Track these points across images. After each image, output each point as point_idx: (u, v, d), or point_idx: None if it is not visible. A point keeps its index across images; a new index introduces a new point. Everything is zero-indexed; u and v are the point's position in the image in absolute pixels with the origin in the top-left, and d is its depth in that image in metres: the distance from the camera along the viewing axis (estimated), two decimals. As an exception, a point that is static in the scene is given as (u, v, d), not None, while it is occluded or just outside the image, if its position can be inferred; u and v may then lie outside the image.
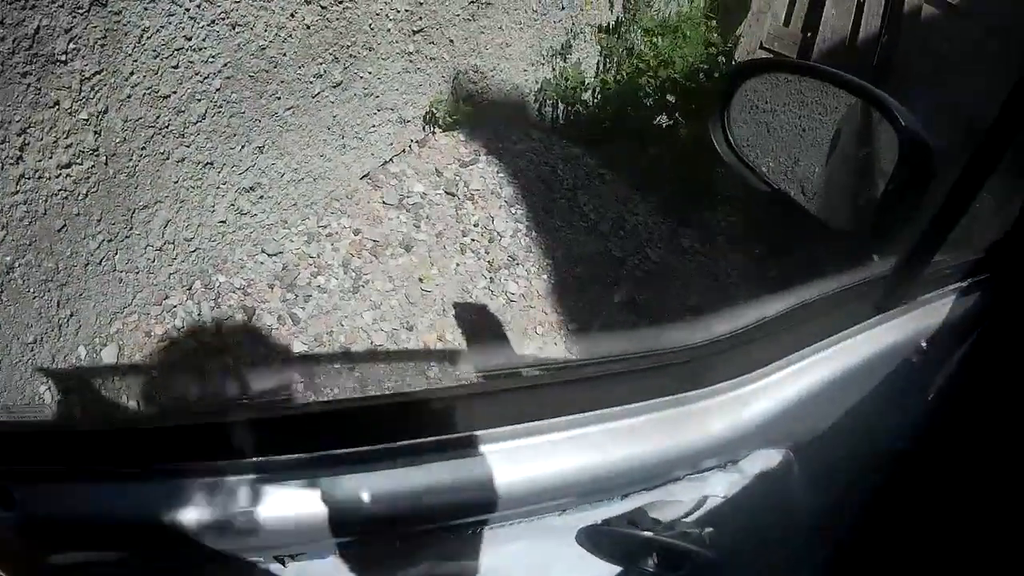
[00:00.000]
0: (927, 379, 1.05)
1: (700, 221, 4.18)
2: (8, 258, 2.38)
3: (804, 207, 1.18)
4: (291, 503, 0.84)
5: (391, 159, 3.60)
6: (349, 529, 0.87)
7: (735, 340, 0.98)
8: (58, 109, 2.38)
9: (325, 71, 3.16)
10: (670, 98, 4.59)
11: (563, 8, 4.33)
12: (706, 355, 0.98)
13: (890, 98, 1.02)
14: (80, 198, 2.53)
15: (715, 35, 5.04)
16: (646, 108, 4.49)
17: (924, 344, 1.01)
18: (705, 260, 3.92)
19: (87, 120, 2.47)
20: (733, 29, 5.15)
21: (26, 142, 2.33)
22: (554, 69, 4.38)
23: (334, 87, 3.23)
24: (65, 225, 2.51)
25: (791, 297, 1.02)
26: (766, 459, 1.02)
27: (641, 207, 3.94)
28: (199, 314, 2.89)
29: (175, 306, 2.89)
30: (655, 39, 4.84)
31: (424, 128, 3.74)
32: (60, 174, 2.45)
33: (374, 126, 3.48)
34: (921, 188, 0.96)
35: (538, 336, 3.29)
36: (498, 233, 3.42)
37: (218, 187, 2.97)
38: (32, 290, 2.49)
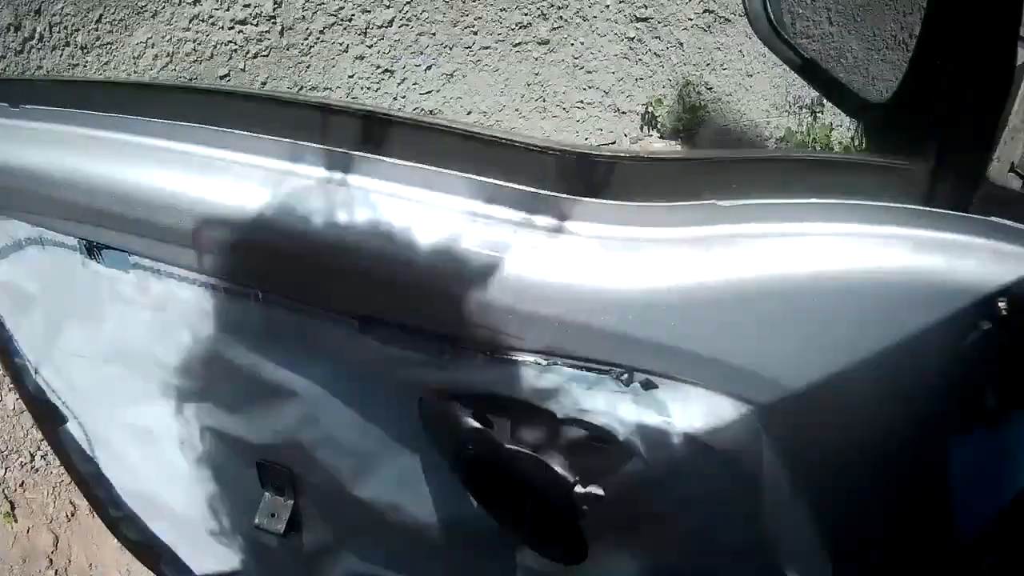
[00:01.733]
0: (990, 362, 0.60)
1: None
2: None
3: (837, 76, 1.02)
4: None
5: (597, 146, 3.12)
6: None
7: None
8: (244, -32, 2.43)
9: (530, 23, 2.92)
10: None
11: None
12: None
13: None
14: (248, 56, 2.49)
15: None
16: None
17: (1003, 305, 0.60)
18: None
19: (268, -13, 2.48)
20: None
21: (206, -11, 2.38)
22: (800, 123, 3.79)
23: (539, 43, 2.97)
24: (228, 74, 2.49)
25: None
26: (711, 411, 0.62)
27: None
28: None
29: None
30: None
31: (642, 128, 3.28)
32: (233, 27, 2.44)
33: (582, 102, 3.12)
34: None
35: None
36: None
37: (396, 98, 2.79)
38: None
